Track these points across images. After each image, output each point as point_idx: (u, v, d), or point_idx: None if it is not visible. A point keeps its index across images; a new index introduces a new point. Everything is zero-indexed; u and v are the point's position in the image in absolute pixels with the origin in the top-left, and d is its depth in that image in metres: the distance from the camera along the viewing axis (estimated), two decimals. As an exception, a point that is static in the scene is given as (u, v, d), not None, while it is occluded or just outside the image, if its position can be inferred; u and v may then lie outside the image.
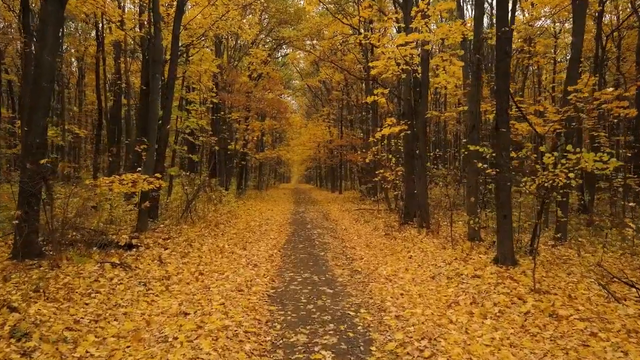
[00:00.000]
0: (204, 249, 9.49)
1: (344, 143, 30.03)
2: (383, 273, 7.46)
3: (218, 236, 11.32)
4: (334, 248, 10.04)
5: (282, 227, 13.72)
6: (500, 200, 7.25)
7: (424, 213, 11.35)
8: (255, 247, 9.92)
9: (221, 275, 7.26)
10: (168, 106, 12.83)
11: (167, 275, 7.07)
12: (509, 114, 7.28)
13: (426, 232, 11.10)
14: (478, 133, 10.04)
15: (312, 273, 7.51)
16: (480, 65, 9.75)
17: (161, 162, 12.90)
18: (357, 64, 24.37)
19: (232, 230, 12.50)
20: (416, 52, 11.33)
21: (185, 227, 12.00)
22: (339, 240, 11.12)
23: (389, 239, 10.99)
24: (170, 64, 12.79)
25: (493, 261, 7.47)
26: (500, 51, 7.25)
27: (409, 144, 12.81)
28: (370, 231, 12.60)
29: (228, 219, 14.93)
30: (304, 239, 11.27)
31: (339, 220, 15.62)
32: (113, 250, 8.38)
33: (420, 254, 8.84)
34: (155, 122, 10.29)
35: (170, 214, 14.11)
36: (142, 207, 10.11)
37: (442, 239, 10.52)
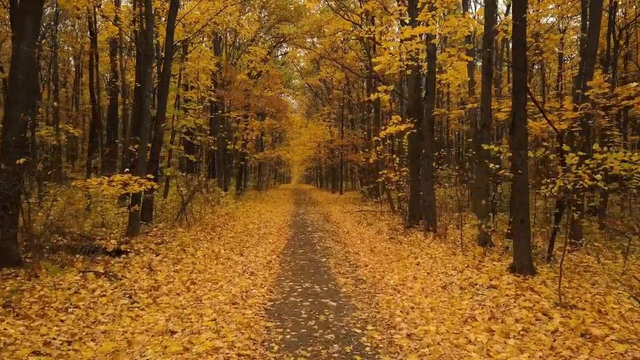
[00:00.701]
0: (198, 255, 8.94)
1: (345, 143, 29.48)
2: (390, 282, 6.90)
3: (214, 240, 10.77)
4: (336, 253, 9.48)
5: (281, 230, 13.16)
6: (518, 203, 6.69)
7: (431, 216, 10.79)
8: (252, 253, 9.36)
9: (215, 284, 6.70)
10: (162, 104, 12.28)
11: (156, 285, 6.51)
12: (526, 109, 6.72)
13: (433, 236, 10.55)
14: (489, 132, 9.49)
15: (313, 282, 6.95)
16: (491, 59, 9.20)
17: (155, 162, 12.36)
18: (358, 61, 23.82)
19: (229, 234, 11.94)
20: (422, 47, 10.77)
21: (180, 231, 11.45)
22: (341, 245, 10.57)
23: (394, 244, 10.43)
24: (165, 60, 12.24)
25: (509, 269, 6.91)
26: (517, 42, 6.69)
27: (414, 143, 12.25)
28: (373, 235, 12.04)
29: (225, 221, 14.38)
30: (304, 243, 10.72)
31: (341, 223, 15.06)
32: (100, 257, 7.84)
33: (428, 261, 8.28)
34: (147, 120, 9.74)
35: (165, 216, 13.56)
36: (132, 210, 9.56)
37: (451, 243, 9.96)
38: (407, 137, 12.33)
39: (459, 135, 36.86)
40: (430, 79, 10.75)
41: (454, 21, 10.02)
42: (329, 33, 21.22)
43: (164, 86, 12.29)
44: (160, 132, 12.27)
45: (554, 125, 7.11)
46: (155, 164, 12.24)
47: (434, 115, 11.10)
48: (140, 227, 11.46)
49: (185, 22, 14.62)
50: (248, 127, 25.52)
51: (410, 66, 11.84)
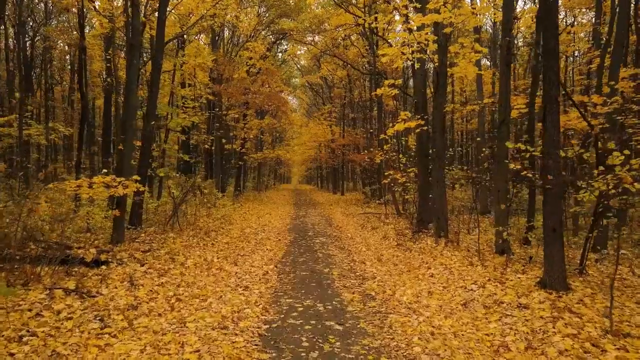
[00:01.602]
0: (188, 264, 8.11)
1: (347, 142, 28.67)
2: (403, 299, 6.06)
3: (207, 247, 9.94)
4: (340, 262, 8.65)
5: (280, 234, 12.33)
6: (549, 210, 5.85)
7: (442, 221, 9.96)
8: (248, 262, 8.53)
9: (203, 302, 5.87)
10: (153, 99, 11.46)
11: (136, 303, 5.67)
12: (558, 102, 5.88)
13: (445, 243, 9.71)
14: (508, 129, 8.65)
15: (315, 299, 6.12)
16: (510, 48, 8.36)
17: (146, 162, 11.54)
18: (361, 57, 22.99)
19: (224, 239, 11.11)
20: (433, 38, 9.94)
21: (172, 236, 10.62)
22: (345, 252, 9.73)
23: (402, 251, 9.59)
24: (156, 52, 11.42)
25: (538, 284, 6.07)
26: (548, 20, 5.85)
27: (423, 142, 11.41)
28: (379, 240, 11.20)
29: (221, 225, 13.55)
30: (304, 250, 9.88)
31: (343, 227, 14.23)
32: (77, 268, 7.00)
33: (443, 272, 7.44)
34: (132, 116, 8.91)
35: (158, 220, 12.72)
36: (116, 215, 8.72)
37: (465, 251, 9.13)
38: (416, 135, 11.49)
39: (461, 134, 36.01)
40: (441, 72, 9.91)
41: (467, 9, 9.19)
42: (330, 28, 20.37)
43: (154, 80, 11.46)
44: (151, 129, 11.45)
45: (588, 120, 6.28)
46: (145, 163, 11.43)
47: (445, 111, 10.29)
48: (128, 233, 10.65)
49: (178, 12, 13.79)
50: (247, 126, 24.68)
51: (418, 59, 11.01)
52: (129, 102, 8.83)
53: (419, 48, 10.32)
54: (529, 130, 10.00)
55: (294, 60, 39.54)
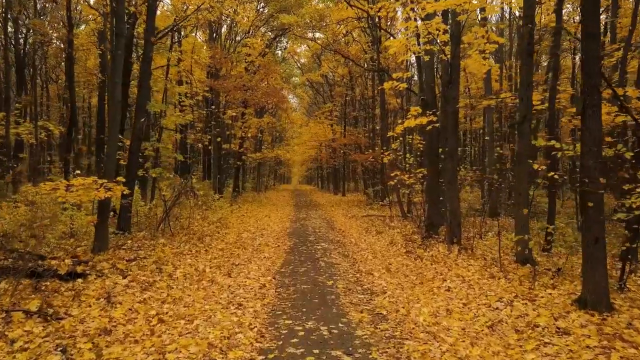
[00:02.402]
0: (177, 275, 7.32)
1: (348, 142, 27.87)
2: (420, 320, 5.26)
3: (200, 254, 9.14)
4: (345, 273, 7.85)
5: (279, 239, 11.54)
6: (592, 216, 5.05)
7: (455, 225, 9.16)
8: (243, 272, 7.73)
9: (189, 323, 5.07)
10: (143, 94, 10.68)
11: (110, 326, 4.89)
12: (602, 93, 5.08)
13: (458, 250, 8.92)
14: (530, 125, 7.85)
15: (318, 319, 5.32)
16: (532, 36, 7.57)
17: (136, 161, 10.77)
18: (363, 53, 22.19)
19: (219, 245, 10.32)
20: (444, 27, 9.15)
21: (162, 242, 9.82)
22: (349, 261, 8.93)
23: (412, 259, 8.79)
24: (146, 44, 10.63)
25: (576, 303, 5.28)
26: (590, 4, 5.06)
27: (432, 141, 10.62)
28: (386, 246, 10.40)
29: (217, 229, 12.76)
30: (305, 258, 9.08)
31: (346, 230, 13.43)
32: (48, 282, 6.22)
33: (461, 285, 6.65)
34: (116, 112, 8.11)
35: (149, 224, 11.92)
36: (98, 221, 7.93)
37: (481, 259, 8.33)
38: (427, 133, 10.70)
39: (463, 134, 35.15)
40: (454, 64, 9.11)
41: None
42: (331, 22, 19.57)
43: (144, 74, 10.68)
44: (141, 126, 10.66)
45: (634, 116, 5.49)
46: (135, 163, 10.65)
47: (459, 107, 9.50)
48: (115, 239, 9.88)
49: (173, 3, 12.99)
50: (245, 125, 23.89)
51: (427, 52, 10.23)
52: (113, 96, 8.03)
53: (429, 39, 9.55)
54: (550, 127, 9.21)
55: (294, 58, 38.78)
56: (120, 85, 8.05)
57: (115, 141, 8.14)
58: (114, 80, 7.95)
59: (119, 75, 7.99)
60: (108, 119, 8.20)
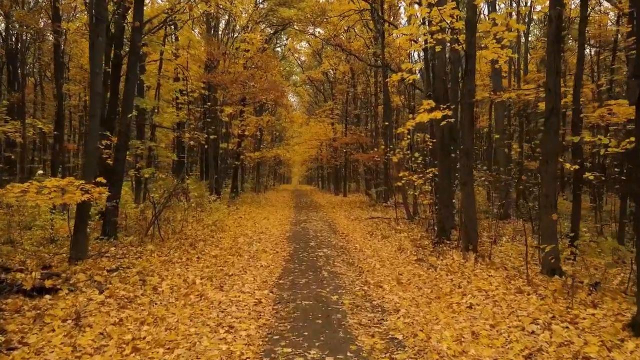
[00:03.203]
0: (162, 288, 6.51)
1: (350, 141, 27.04)
2: (442, 347, 4.44)
3: (191, 262, 8.32)
4: (351, 285, 7.02)
5: (278, 245, 10.71)
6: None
7: (472, 230, 8.34)
8: (237, 285, 6.90)
9: (168, 353, 4.26)
10: (130, 89, 9.86)
11: (73, 357, 4.07)
12: None
13: (475, 258, 8.09)
14: (559, 119, 7.03)
15: (323, 346, 4.50)
16: (561, 19, 6.75)
17: (121, 161, 9.96)
18: (366, 48, 21.36)
19: (213, 251, 9.50)
20: (459, 13, 8.34)
21: (149, 249, 9.02)
22: (355, 270, 8.10)
23: (425, 269, 7.97)
24: (133, 32, 9.82)
25: (629, 327, 4.46)
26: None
27: (444, 138, 9.79)
28: (394, 253, 9.58)
29: (211, 233, 11.95)
30: (306, 267, 8.26)
31: (350, 234, 12.61)
32: (12, 298, 5.40)
33: (485, 301, 5.82)
34: (96, 105, 7.28)
35: (139, 228, 11.11)
36: (76, 226, 7.11)
37: (501, 269, 7.52)
38: (438, 130, 9.87)
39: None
40: (470, 54, 8.28)
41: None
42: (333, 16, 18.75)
43: (132, 66, 9.87)
44: (128, 123, 9.85)
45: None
46: (121, 162, 9.84)
47: (476, 100, 8.67)
48: (99, 245, 9.08)
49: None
50: (243, 123, 23.07)
51: (439, 41, 9.41)
52: (93, 88, 7.22)
53: (440, 27, 8.74)
54: (574, 122, 8.38)
55: (294, 56, 38.01)
56: (100, 76, 7.24)
57: (96, 138, 7.31)
58: (94, 70, 7.12)
59: (99, 65, 7.18)
60: (88, 113, 7.36)
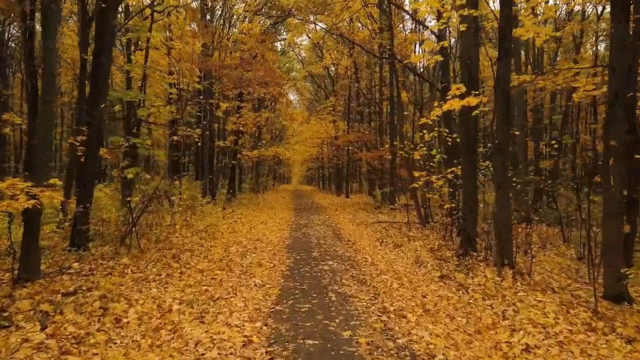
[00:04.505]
0: (129, 319, 5.14)
1: (353, 139, 25.65)
2: None
3: (171, 280, 6.94)
4: (366, 313, 5.62)
5: (275, 256, 9.32)
6: None
7: (507, 241, 6.95)
8: (223, 313, 5.50)
9: None
10: (102, 73, 8.49)
11: None
12: None
13: (512, 275, 6.71)
14: (623, 106, 5.63)
15: None
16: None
17: (94, 159, 8.59)
18: (372, 39, 19.96)
19: (200, 264, 8.12)
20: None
21: (123, 263, 7.64)
22: (368, 291, 6.70)
23: (452, 289, 6.58)
24: (106, 11, 8.43)
25: None
26: None
27: (469, 132, 8.39)
28: (411, 267, 8.19)
29: (201, 240, 10.57)
30: (309, 287, 6.86)
31: (357, 242, 11.21)
32: None
33: (544, 341, 4.43)
34: (50, 90, 5.89)
35: (117, 236, 9.72)
36: (24, 240, 5.74)
37: (549, 291, 6.14)
38: (460, 124, 8.48)
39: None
40: (506, 32, 6.89)
41: None
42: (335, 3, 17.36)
43: (105, 47, 8.48)
44: (100, 116, 8.46)
45: None
46: (91, 161, 8.45)
47: (512, 86, 7.26)
48: (65, 257, 7.72)
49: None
50: (240, 121, 21.68)
51: (464, 17, 8.03)
52: (46, 68, 5.83)
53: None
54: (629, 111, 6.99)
55: (294, 51, 36.67)
56: (55, 53, 5.87)
57: (48, 131, 5.94)
58: (47, 45, 5.74)
59: (52, 39, 5.79)
60: (40, 100, 5.97)
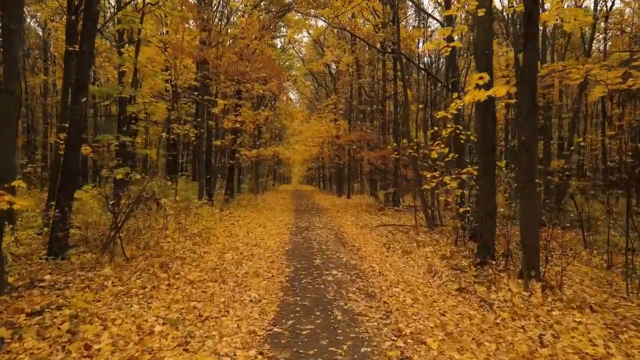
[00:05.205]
0: (101, 345, 4.37)
1: (355, 138, 24.88)
2: None
3: (157, 294, 6.17)
4: (378, 337, 4.84)
5: (274, 264, 8.55)
6: None
7: (533, 251, 6.18)
8: (212, 338, 4.71)
9: None
10: (84, 64, 7.73)
11: None
12: None
13: (542, 289, 5.94)
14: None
15: None
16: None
17: (75, 158, 7.83)
18: (375, 32, 19.19)
19: (191, 274, 7.35)
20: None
21: (105, 273, 6.87)
22: (379, 307, 5.91)
23: (473, 304, 5.80)
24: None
25: None
26: None
27: (487, 128, 7.61)
28: (423, 277, 7.41)
29: (194, 246, 9.80)
30: (312, 302, 6.08)
31: (362, 247, 10.44)
32: None
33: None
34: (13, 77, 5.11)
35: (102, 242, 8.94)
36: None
37: (587, 309, 5.37)
38: (478, 118, 7.70)
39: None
40: (532, 11, 6.12)
41: None
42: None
43: (87, 36, 7.72)
44: (81, 110, 7.69)
45: None
46: (74, 160, 7.69)
47: (540, 76, 6.49)
48: (39, 267, 6.98)
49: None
50: (238, 119, 20.92)
51: (483, 1, 7.26)
52: (9, 51, 5.05)
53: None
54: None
55: (295, 48, 35.92)
56: (19, 33, 5.08)
57: (11, 122, 5.16)
58: (8, 26, 4.97)
59: (15, 20, 5.02)
60: (3, 89, 5.18)
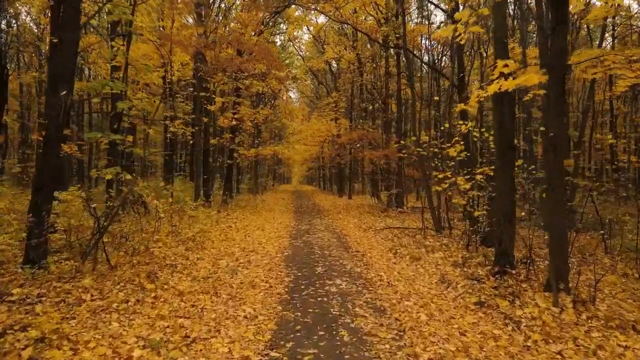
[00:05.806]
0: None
1: (357, 137, 24.21)
2: None
3: (141, 309, 5.49)
4: (391, 362, 4.18)
5: (272, 272, 7.88)
6: None
7: (562, 260, 5.51)
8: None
9: None
10: (65, 55, 7.07)
11: None
12: None
13: (573, 304, 5.27)
14: None
15: None
16: None
17: (54, 157, 7.18)
18: (379, 27, 18.53)
19: (181, 284, 6.68)
20: None
21: (85, 284, 6.21)
22: (391, 325, 5.23)
23: (497, 322, 5.13)
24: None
25: None
26: None
27: (505, 122, 6.93)
28: (436, 288, 6.73)
29: (187, 251, 9.13)
30: (314, 319, 5.41)
31: (367, 253, 9.76)
32: None
33: None
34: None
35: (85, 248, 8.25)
36: None
37: (629, 328, 4.70)
38: (496, 113, 7.02)
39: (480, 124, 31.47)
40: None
41: None
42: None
43: (66, 23, 7.06)
44: (60, 105, 7.02)
45: None
46: (50, 159, 7.04)
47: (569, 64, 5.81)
48: (12, 278, 6.32)
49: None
50: (236, 117, 20.25)
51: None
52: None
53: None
54: None
55: (295, 45, 35.23)
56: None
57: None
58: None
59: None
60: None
